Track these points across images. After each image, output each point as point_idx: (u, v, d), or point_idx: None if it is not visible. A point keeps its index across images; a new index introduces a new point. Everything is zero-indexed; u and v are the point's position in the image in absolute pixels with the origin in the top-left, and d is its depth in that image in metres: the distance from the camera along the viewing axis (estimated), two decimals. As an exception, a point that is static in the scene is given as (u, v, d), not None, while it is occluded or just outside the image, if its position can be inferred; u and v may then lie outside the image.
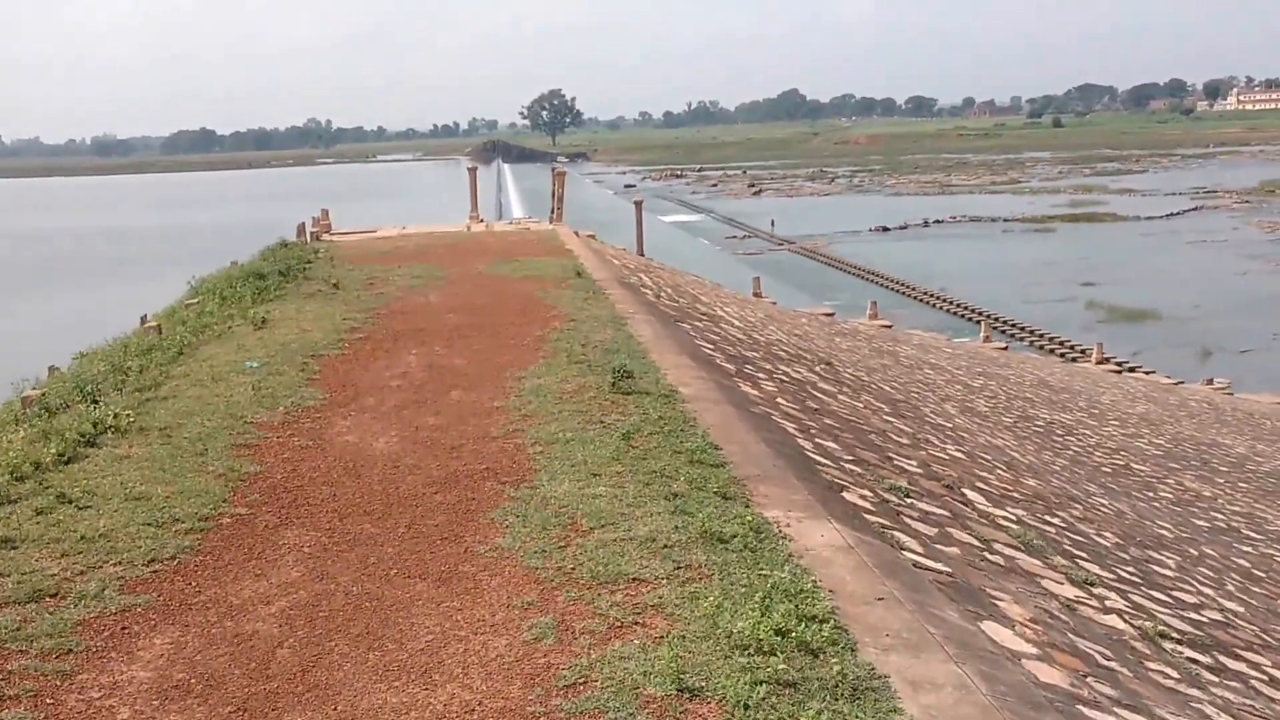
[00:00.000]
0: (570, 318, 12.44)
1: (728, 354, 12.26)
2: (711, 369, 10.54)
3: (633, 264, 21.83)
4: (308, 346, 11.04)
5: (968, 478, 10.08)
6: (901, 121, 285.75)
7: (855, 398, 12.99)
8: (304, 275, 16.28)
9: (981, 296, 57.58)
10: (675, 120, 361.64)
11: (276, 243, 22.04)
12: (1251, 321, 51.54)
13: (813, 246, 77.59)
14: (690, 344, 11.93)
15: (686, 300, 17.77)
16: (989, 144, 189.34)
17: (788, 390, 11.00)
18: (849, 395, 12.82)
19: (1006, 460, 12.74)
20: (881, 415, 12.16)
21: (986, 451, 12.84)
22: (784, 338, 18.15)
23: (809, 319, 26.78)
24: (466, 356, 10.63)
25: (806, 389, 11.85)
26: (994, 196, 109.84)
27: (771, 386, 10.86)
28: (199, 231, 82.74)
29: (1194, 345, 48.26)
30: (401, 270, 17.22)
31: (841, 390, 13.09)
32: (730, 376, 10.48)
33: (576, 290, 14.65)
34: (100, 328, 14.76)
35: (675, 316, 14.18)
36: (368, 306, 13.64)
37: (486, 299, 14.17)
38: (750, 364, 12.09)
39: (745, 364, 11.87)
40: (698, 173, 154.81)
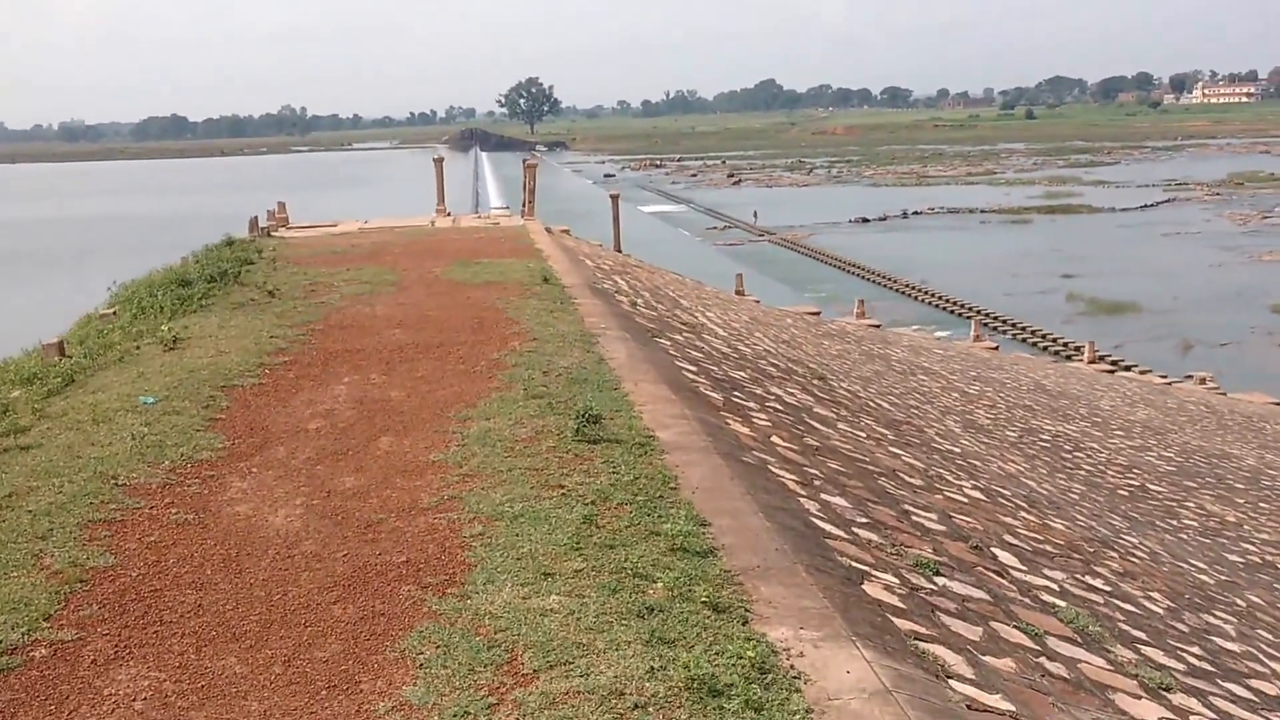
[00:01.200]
0: (532, 336, 10.86)
1: (713, 376, 10.72)
2: (695, 401, 8.99)
3: (608, 264, 20.24)
4: (220, 374, 9.41)
5: (993, 529, 8.59)
6: (878, 112, 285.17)
7: (855, 423, 11.49)
8: (238, 281, 14.61)
9: (963, 288, 56.79)
10: (654, 109, 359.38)
11: (222, 240, 20.34)
12: (1228, 314, 51.76)
13: (793, 238, 76.43)
14: (670, 366, 10.38)
15: (665, 307, 16.22)
16: (964, 135, 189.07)
17: (783, 424, 9.47)
18: (848, 422, 11.31)
19: (1025, 494, 11.28)
20: (886, 446, 10.65)
21: (1002, 484, 11.36)
22: (772, 346, 16.63)
23: (794, 319, 25.31)
24: (406, 387, 9.04)
25: (803, 418, 10.33)
26: (970, 188, 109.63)
27: (764, 420, 9.32)
28: (164, 221, 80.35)
29: (1174, 338, 48.34)
30: (349, 274, 15.57)
31: (840, 415, 11.58)
32: (717, 411, 8.93)
33: (543, 300, 13.07)
34: (38, 328, 13.24)
35: (653, 330, 12.63)
36: (302, 320, 12.01)
37: (439, 310, 12.56)
38: (739, 389, 10.56)
39: (733, 390, 10.33)
40: (677, 162, 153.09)
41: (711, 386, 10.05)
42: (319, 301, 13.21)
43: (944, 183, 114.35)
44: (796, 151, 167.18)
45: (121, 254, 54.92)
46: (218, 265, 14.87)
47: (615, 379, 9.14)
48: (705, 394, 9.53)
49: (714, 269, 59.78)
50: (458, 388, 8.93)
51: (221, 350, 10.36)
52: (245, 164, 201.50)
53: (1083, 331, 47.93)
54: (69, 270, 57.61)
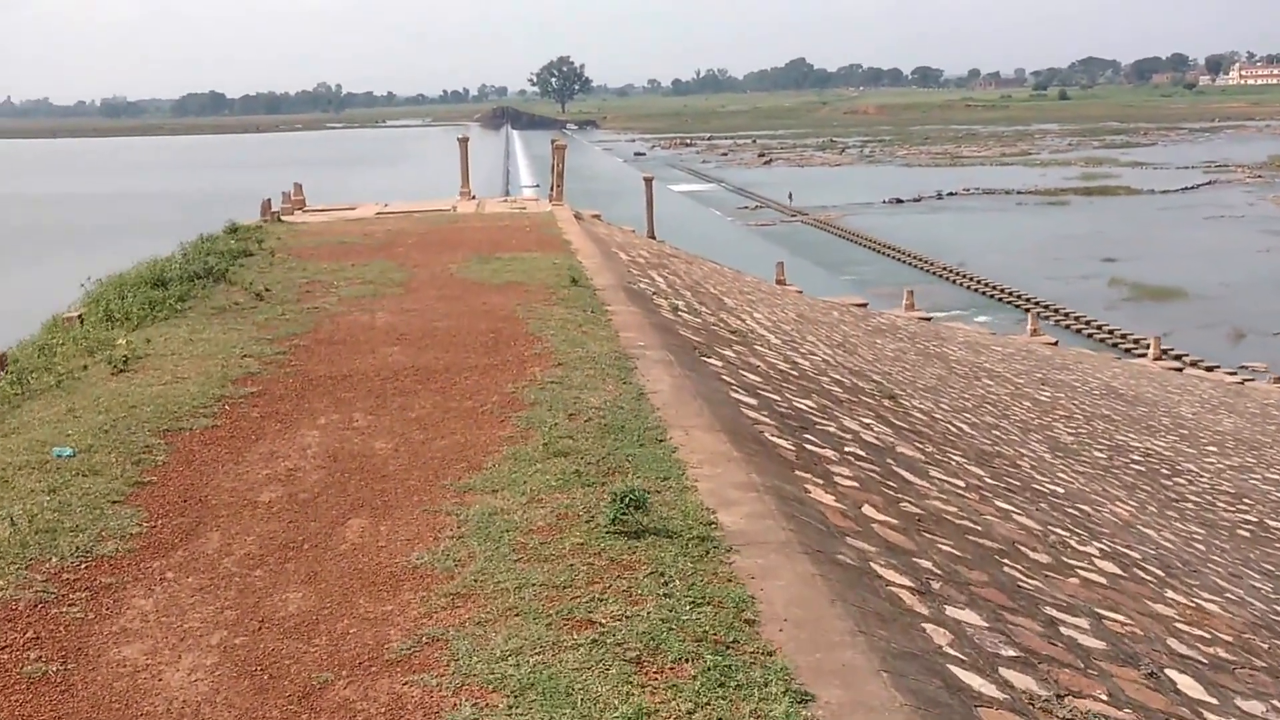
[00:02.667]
0: (557, 359, 8.92)
1: (776, 410, 8.75)
2: (762, 455, 7.04)
3: (643, 256, 18.25)
4: (168, 411, 7.55)
5: (1150, 628, 6.61)
6: (908, 92, 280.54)
7: (946, 463, 9.50)
8: (226, 279, 12.75)
9: (1002, 272, 54.66)
10: (684, 88, 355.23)
11: (225, 227, 18.52)
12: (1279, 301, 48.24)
13: (826, 219, 74.21)
14: (725, 400, 8.41)
15: (710, 309, 14.23)
16: (997, 115, 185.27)
17: (871, 481, 7.49)
18: (938, 463, 9.33)
19: (1155, 554, 9.29)
20: (990, 500, 8.66)
21: (1126, 542, 9.34)
22: (829, 354, 14.61)
23: (841, 312, 23.24)
24: (396, 433, 7.14)
25: (890, 465, 8.35)
26: (1005, 168, 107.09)
27: (849, 477, 7.35)
28: (195, 198, 78.89)
29: (1225, 326, 46.53)
30: (353, 271, 13.68)
31: (927, 453, 9.59)
32: (791, 470, 6.97)
33: (571, 306, 11.12)
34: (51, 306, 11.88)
35: (699, 344, 10.66)
36: (287, 332, 10.13)
37: (449, 320, 10.64)
38: (808, 427, 8.58)
39: (803, 431, 8.36)
40: (707, 141, 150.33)
41: (778, 428, 8.08)
42: (311, 307, 11.32)
43: (978, 163, 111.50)
44: (828, 131, 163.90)
45: (148, 231, 53.56)
46: (204, 260, 13.02)
47: (660, 424, 7.20)
48: (772, 441, 7.57)
49: (748, 251, 57.73)
50: (461, 436, 7.01)
51: (178, 375, 8.49)
52: (280, 140, 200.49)
53: (1128, 318, 45.71)
54: (89, 247, 56.24)
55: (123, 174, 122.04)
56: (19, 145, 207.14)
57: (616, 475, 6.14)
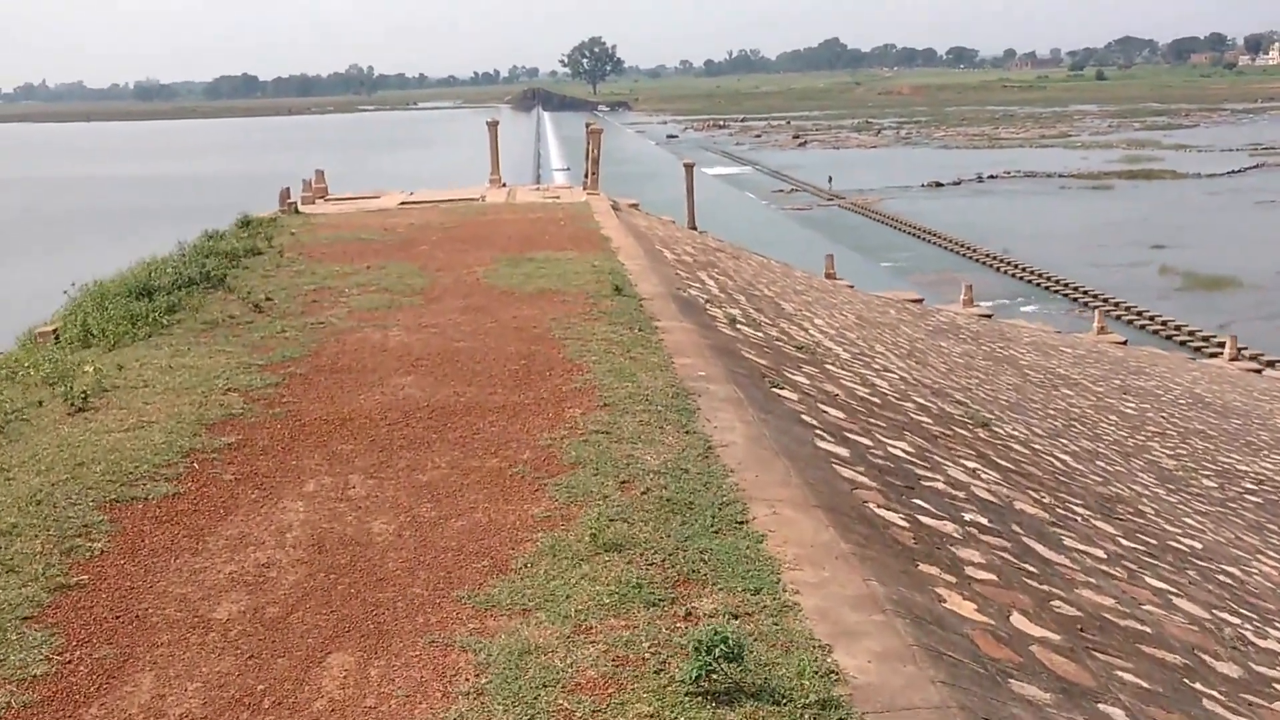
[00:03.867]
0: (602, 397, 7.34)
1: (873, 463, 7.15)
2: (873, 538, 5.46)
3: (689, 254, 16.63)
4: (122, 470, 6.06)
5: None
6: (943, 72, 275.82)
7: (1071, 520, 7.88)
8: (224, 285, 11.26)
9: (1047, 259, 52.46)
10: (716, 69, 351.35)
11: (236, 220, 17.10)
12: (1339, 290, 46.50)
13: (864, 202, 72.12)
14: (812, 455, 6.82)
15: (769, 318, 12.60)
16: (1034, 96, 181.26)
17: (1011, 572, 5.88)
18: (1066, 525, 7.70)
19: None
20: (1142, 579, 7.03)
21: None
22: (902, 369, 12.94)
23: (898, 310, 21.53)
24: (400, 508, 5.60)
25: (1021, 540, 6.73)
26: (1045, 151, 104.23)
27: (983, 568, 5.75)
28: (224, 182, 77.88)
29: None
30: (369, 274, 12.16)
31: (1050, 512, 7.95)
32: (912, 560, 5.38)
33: (615, 323, 9.53)
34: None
35: (766, 368, 9.06)
36: (283, 355, 8.62)
37: (473, 340, 9.09)
38: (915, 488, 6.98)
39: (910, 493, 6.76)
40: (741, 123, 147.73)
41: (880, 491, 6.47)
42: (316, 321, 9.79)
43: (1017, 145, 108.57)
44: (863, 112, 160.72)
45: (174, 216, 52.49)
46: (200, 264, 11.53)
47: (738, 496, 5.63)
48: (880, 516, 5.97)
49: (785, 237, 55.85)
50: (483, 514, 5.47)
51: (144, 418, 6.99)
52: (311, 123, 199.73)
53: (1182, 309, 43.47)
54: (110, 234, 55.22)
55: (155, 158, 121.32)
56: (52, 129, 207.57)
57: (691, 586, 4.59)
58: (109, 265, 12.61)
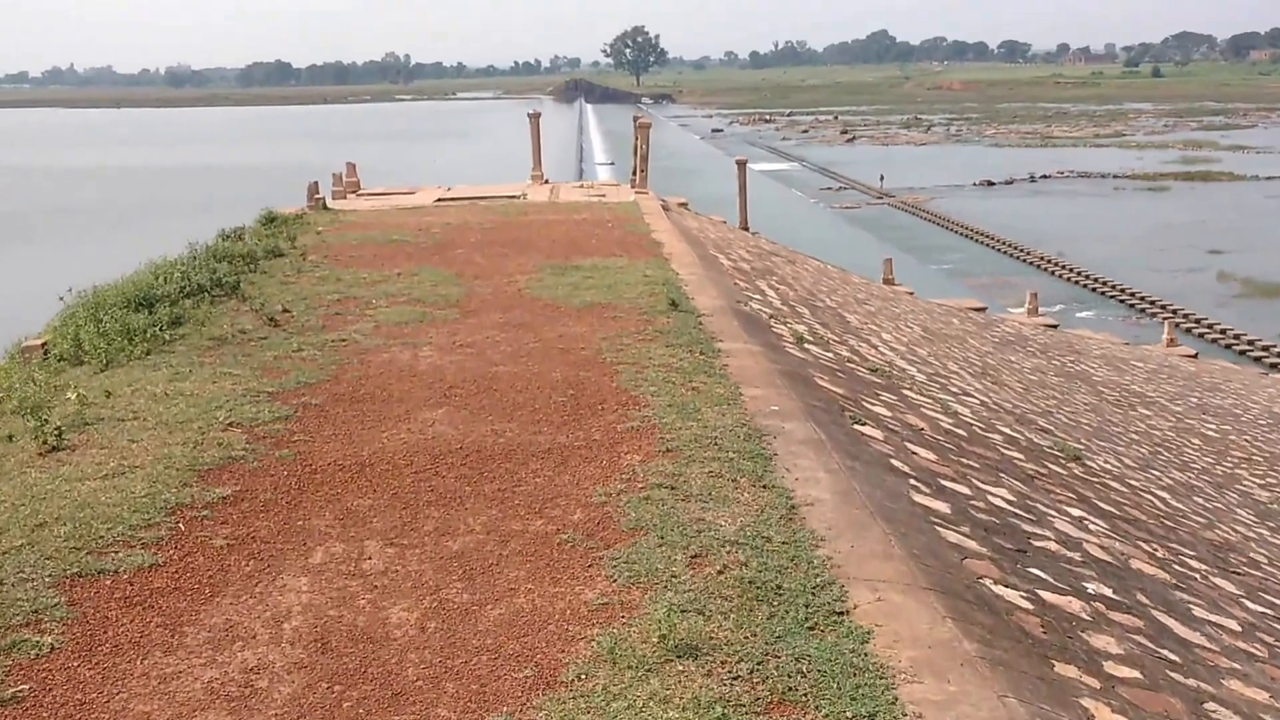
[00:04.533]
0: (664, 439, 6.28)
1: (978, 522, 6.05)
2: (997, 630, 4.38)
3: (745, 259, 15.51)
4: (92, 533, 5.08)
5: None
6: (995, 67, 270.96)
7: (1190, 580, 6.74)
8: (239, 292, 10.31)
9: (1103, 263, 50.70)
10: (762, 61, 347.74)
11: (260, 216, 16.23)
12: None
13: (914, 201, 70.49)
14: (910, 513, 5.73)
15: (835, 333, 11.48)
16: (1087, 93, 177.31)
17: (1149, 662, 4.78)
18: (1188, 587, 6.56)
19: None
20: None
21: None
22: (980, 391, 11.76)
23: (962, 319, 20.28)
24: (425, 588, 4.57)
25: (1151, 614, 5.61)
26: (1099, 150, 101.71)
27: (1124, 664, 4.64)
28: (254, 172, 77.54)
29: None
30: (399, 282, 11.16)
31: (1166, 570, 6.81)
32: (1046, 658, 4.29)
33: (673, 344, 8.45)
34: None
35: (843, 398, 7.95)
36: (298, 380, 7.63)
37: (514, 363, 8.05)
38: (1028, 550, 5.87)
39: (1024, 559, 5.65)
40: (787, 117, 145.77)
41: (993, 560, 5.39)
42: (337, 338, 8.80)
43: (1070, 144, 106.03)
44: (912, 107, 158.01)
45: (195, 209, 52.06)
46: (212, 269, 10.58)
47: (832, 576, 4.59)
48: (1000, 598, 4.89)
49: (835, 237, 54.51)
50: (525, 598, 4.43)
51: (127, 461, 6.02)
52: (347, 113, 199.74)
53: (1242, 317, 41.64)
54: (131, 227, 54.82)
55: (183, 146, 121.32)
56: (80, 115, 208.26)
57: (788, 710, 3.56)
58: (125, 261, 11.78)
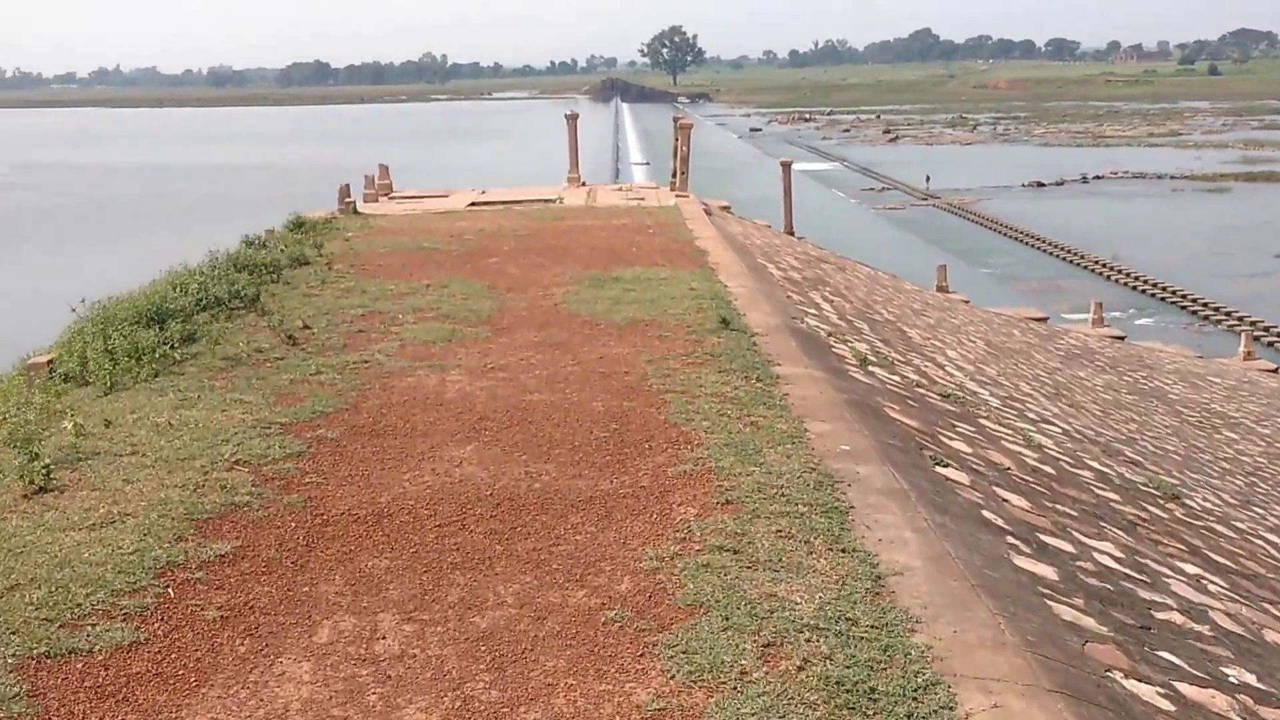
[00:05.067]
0: (721, 486, 5.49)
1: (1089, 589, 5.22)
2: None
3: (795, 268, 14.68)
4: (69, 597, 4.38)
5: None
6: (1042, 65, 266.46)
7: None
8: (258, 305, 9.65)
9: (1161, 267, 49.05)
10: (801, 60, 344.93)
11: (288, 221, 15.63)
12: None
13: (961, 202, 69.04)
14: (1013, 582, 4.91)
15: (898, 350, 10.62)
16: (1140, 92, 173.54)
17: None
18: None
19: None
20: None
21: None
22: (1059, 416, 10.84)
23: (1023, 330, 19.30)
24: (447, 681, 3.82)
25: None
26: (1154, 150, 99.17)
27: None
28: (291, 172, 77.53)
29: None
30: (429, 295, 10.44)
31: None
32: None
33: (727, 370, 7.65)
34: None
35: (918, 432, 7.12)
36: (314, 409, 6.92)
37: (550, 389, 7.29)
38: (1150, 625, 5.03)
39: (1148, 638, 4.81)
40: (828, 116, 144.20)
41: (1123, 649, 4.56)
42: (360, 360, 8.08)
43: (1123, 144, 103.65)
44: (957, 106, 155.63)
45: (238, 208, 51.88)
46: (230, 281, 9.92)
47: (936, 675, 3.79)
48: (1136, 696, 4.06)
49: (880, 240, 53.40)
50: (565, 701, 3.69)
51: (119, 507, 5.32)
52: (384, 113, 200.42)
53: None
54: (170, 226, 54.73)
55: (221, 145, 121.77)
56: (123, 115, 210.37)
57: None
58: (153, 264, 11.20)
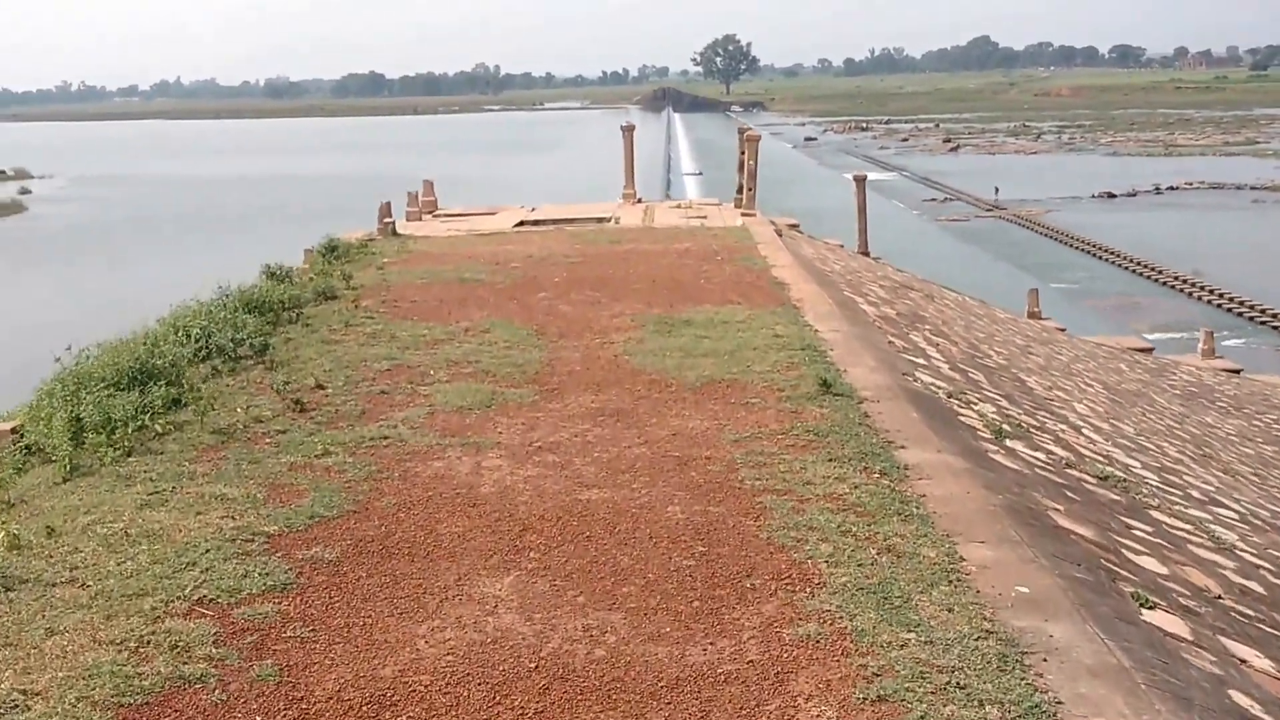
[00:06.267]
0: (864, 666, 3.82)
1: None
2: None
3: (882, 297, 12.94)
4: None
5: None
6: (1106, 72, 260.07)
7: None
8: (266, 356, 8.14)
9: (1247, 283, 46.22)
10: (857, 68, 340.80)
11: (320, 245, 14.27)
12: None
13: (1028, 214, 66.48)
14: None
15: (1027, 411, 8.86)
16: (1211, 99, 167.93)
17: None
18: None
19: None
20: None
21: None
22: (1224, 491, 8.98)
23: (1130, 365, 17.34)
24: None
25: None
26: (1231, 159, 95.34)
27: None
28: (344, 182, 76.89)
29: None
30: (466, 343, 8.87)
31: None
32: None
33: (835, 453, 5.97)
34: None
35: (1100, 549, 5.41)
36: (312, 510, 5.36)
37: (613, 485, 5.66)
38: None
39: None
40: (885, 125, 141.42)
41: None
42: (377, 435, 6.50)
43: (1197, 153, 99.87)
44: (1018, 114, 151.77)
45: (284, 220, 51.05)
46: (235, 327, 8.43)
47: None
48: None
49: (946, 253, 51.26)
50: None
51: (22, 686, 3.79)
52: (437, 123, 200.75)
53: None
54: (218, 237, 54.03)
55: (282, 154, 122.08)
56: (183, 126, 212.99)
57: None
58: (194, 279, 9.92)
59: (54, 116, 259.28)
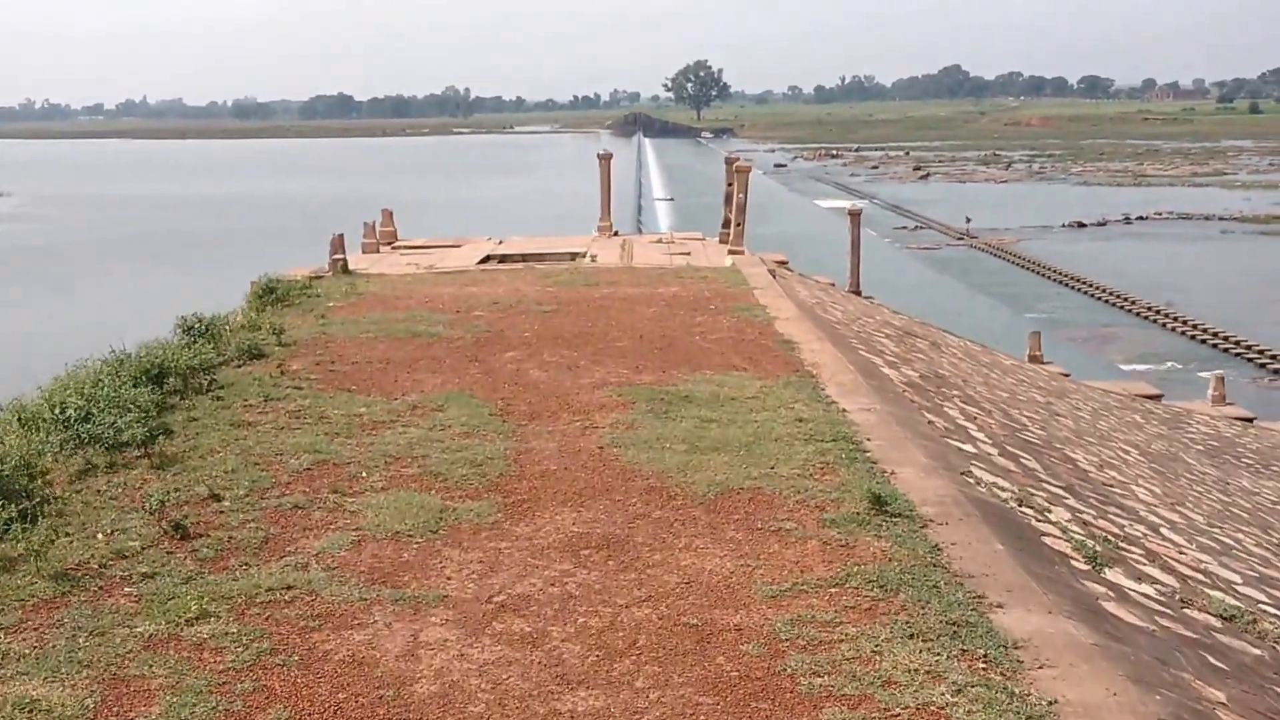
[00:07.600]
0: None
1: None
2: None
3: (894, 352, 11.34)
4: None
5: None
6: (1075, 102, 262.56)
7: None
8: (148, 454, 6.35)
9: (1219, 314, 45.49)
10: (827, 95, 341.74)
11: (257, 285, 12.51)
12: None
13: (999, 243, 65.78)
14: None
15: (1098, 508, 7.25)
16: (1179, 130, 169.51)
17: None
18: None
19: None
20: None
21: None
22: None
23: (1144, 415, 15.88)
24: None
25: None
26: (1200, 190, 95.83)
27: None
28: (308, 205, 74.86)
29: None
30: (413, 426, 7.11)
31: None
32: None
33: (914, 625, 4.32)
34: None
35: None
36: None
37: (604, 682, 3.95)
38: None
39: None
40: (855, 153, 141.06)
41: None
42: (279, 583, 4.71)
43: (1166, 183, 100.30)
44: (989, 143, 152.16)
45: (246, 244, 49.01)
46: (121, 409, 6.63)
47: None
48: None
49: (920, 282, 50.16)
50: None
51: None
52: (405, 145, 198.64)
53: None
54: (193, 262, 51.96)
55: (247, 176, 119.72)
56: (149, 146, 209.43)
57: None
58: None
59: (17, 134, 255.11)
